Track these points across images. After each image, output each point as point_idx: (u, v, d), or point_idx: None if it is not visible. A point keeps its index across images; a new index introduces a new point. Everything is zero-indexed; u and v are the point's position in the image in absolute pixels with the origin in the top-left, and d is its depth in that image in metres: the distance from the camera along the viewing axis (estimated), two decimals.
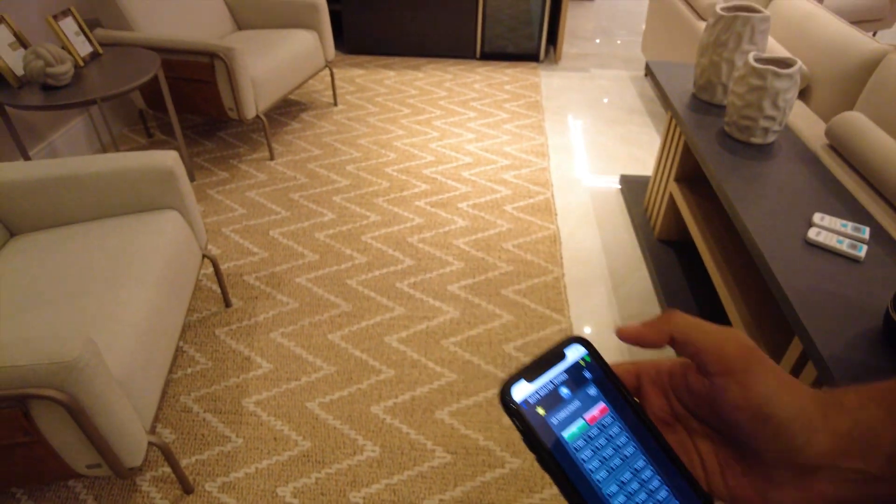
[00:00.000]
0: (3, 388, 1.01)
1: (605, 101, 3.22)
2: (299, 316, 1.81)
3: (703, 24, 2.64)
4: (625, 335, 0.32)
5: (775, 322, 1.49)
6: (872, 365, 1.01)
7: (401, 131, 2.84)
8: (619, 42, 4.08)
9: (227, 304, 1.85)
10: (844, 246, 1.27)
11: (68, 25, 2.16)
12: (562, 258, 2.08)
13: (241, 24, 2.95)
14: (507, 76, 3.43)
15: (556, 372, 0.31)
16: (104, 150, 2.41)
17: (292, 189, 2.41)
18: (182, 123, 2.90)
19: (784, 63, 1.63)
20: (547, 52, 3.77)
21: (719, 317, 1.83)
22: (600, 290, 1.96)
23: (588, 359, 0.32)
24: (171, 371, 1.55)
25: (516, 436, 1.45)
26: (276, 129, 2.86)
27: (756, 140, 1.68)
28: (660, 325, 0.31)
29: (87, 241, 1.49)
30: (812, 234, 1.31)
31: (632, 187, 2.44)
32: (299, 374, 1.62)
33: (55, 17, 2.10)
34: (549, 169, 2.59)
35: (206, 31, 2.75)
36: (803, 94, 2.18)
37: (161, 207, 1.60)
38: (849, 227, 1.33)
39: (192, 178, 2.47)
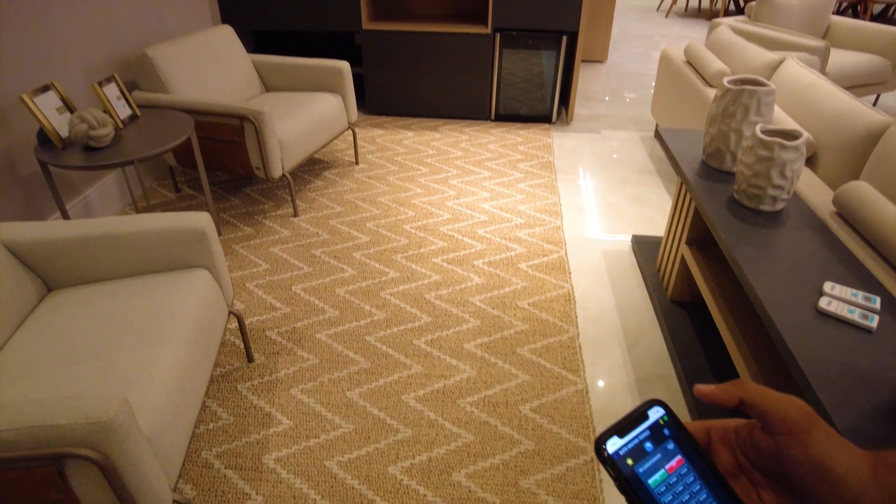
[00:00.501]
0: (42, 447, 1.05)
1: (615, 158, 3.31)
2: (319, 372, 1.85)
3: (710, 91, 2.75)
4: (701, 393, 0.38)
5: (789, 388, 1.50)
6: (889, 437, 1.02)
7: (419, 189, 2.94)
8: (628, 99, 4.22)
9: (250, 359, 1.89)
10: (856, 316, 1.30)
11: (111, 90, 2.30)
12: (576, 317, 2.11)
13: (268, 87, 3.11)
14: (520, 137, 3.55)
15: (641, 429, 0.37)
16: (135, 203, 2.52)
17: (315, 245, 2.49)
18: (209, 179, 3.03)
19: (790, 135, 1.70)
20: (559, 113, 3.91)
21: (734, 378, 1.84)
22: (615, 350, 1.99)
23: (666, 418, 0.38)
24: (195, 426, 1.59)
25: (530, 499, 1.45)
26: (300, 186, 2.97)
27: (765, 208, 1.73)
28: (731, 388, 0.38)
29: (120, 299, 1.56)
30: (823, 303, 1.34)
31: (644, 247, 2.49)
32: (318, 432, 1.65)
33: (100, 84, 2.25)
34: (563, 227, 2.65)
35: (236, 92, 2.90)
36: (810, 162, 2.25)
37: (192, 266, 1.67)
38: (859, 296, 1.36)
39: (218, 233, 2.56)
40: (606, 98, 4.33)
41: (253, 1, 3.54)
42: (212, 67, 2.80)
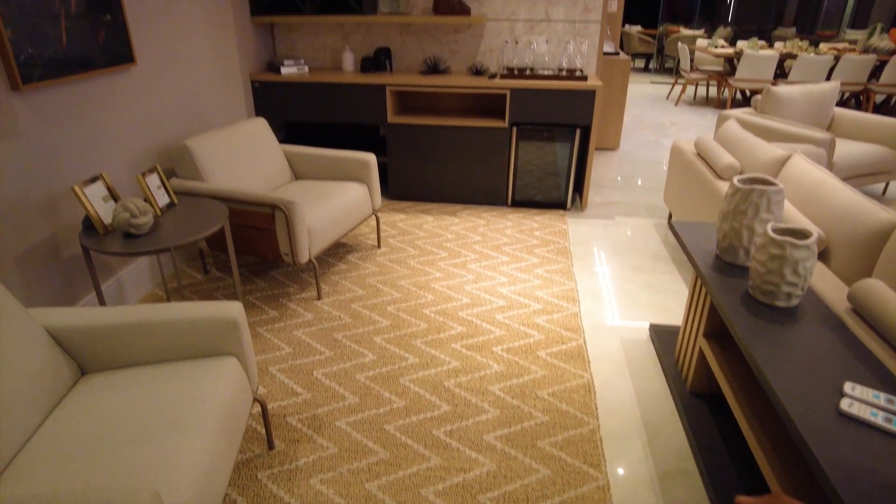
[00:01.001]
0: None
1: (630, 246, 3.39)
2: (339, 462, 1.85)
3: (721, 184, 2.85)
4: None
5: (814, 486, 1.48)
6: None
7: (438, 273, 3.02)
8: (640, 186, 4.35)
9: (271, 446, 1.91)
10: (879, 419, 1.30)
11: (152, 180, 2.46)
12: (596, 408, 2.11)
13: (298, 175, 3.29)
14: (536, 223, 3.66)
15: None
16: (165, 284, 2.62)
17: (336, 329, 2.54)
18: (237, 261, 3.14)
19: (801, 234, 1.76)
20: (573, 200, 4.04)
21: (756, 475, 1.80)
22: (636, 444, 1.97)
23: None
24: None
25: None
26: (324, 269, 3.07)
27: (780, 303, 1.77)
28: (770, 501, 0.42)
29: (152, 385, 1.61)
30: (844, 405, 1.35)
31: (662, 337, 2.51)
32: None
33: (143, 175, 2.41)
34: (580, 314, 2.69)
35: (268, 180, 3.07)
36: (823, 256, 2.30)
37: (222, 353, 1.73)
38: (882, 398, 1.37)
39: None
40: (619, 184, 4.47)
41: (286, 96, 3.80)
42: (246, 157, 2.99)
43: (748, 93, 8.23)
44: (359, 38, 4.07)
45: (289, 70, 3.79)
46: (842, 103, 7.67)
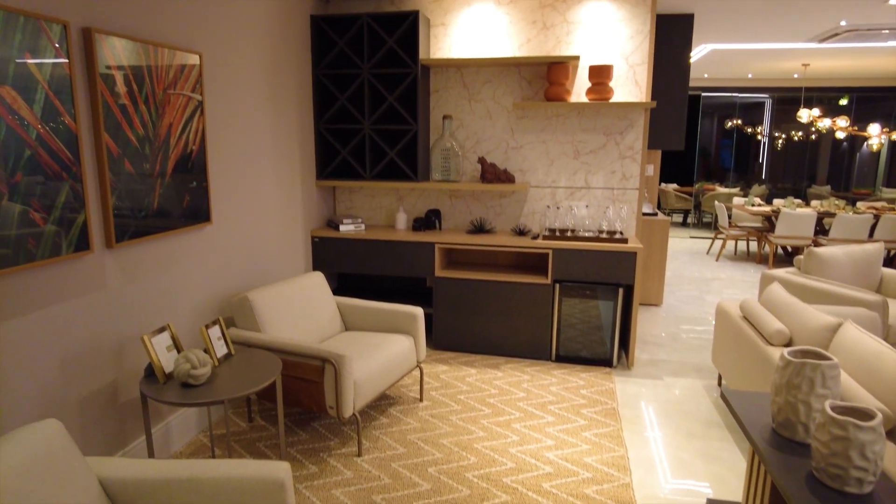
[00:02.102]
0: None
1: (681, 408, 3.27)
2: None
3: (770, 350, 2.81)
4: None
5: None
6: None
7: (481, 432, 2.95)
8: (687, 345, 4.28)
9: None
10: None
11: (214, 332, 2.60)
12: None
13: (348, 326, 3.41)
14: (582, 380, 3.61)
15: None
16: (211, 431, 2.65)
17: (375, 490, 2.47)
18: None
19: (864, 414, 1.70)
20: (619, 357, 4.00)
21: None
22: None
23: None
24: None
25: None
26: (366, 422, 3.05)
27: (851, 489, 1.66)
28: None
29: None
30: None
31: None
32: None
33: (207, 326, 2.56)
34: (632, 486, 2.54)
35: (319, 331, 3.19)
36: (893, 434, 2.17)
37: None
38: None
39: None
40: (665, 341, 4.42)
41: (342, 251, 4.08)
42: (301, 309, 3.15)
43: (790, 248, 8.28)
44: (412, 200, 4.42)
45: (347, 228, 4.10)
46: (888, 262, 7.59)
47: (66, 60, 2.11)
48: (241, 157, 3.23)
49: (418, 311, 3.24)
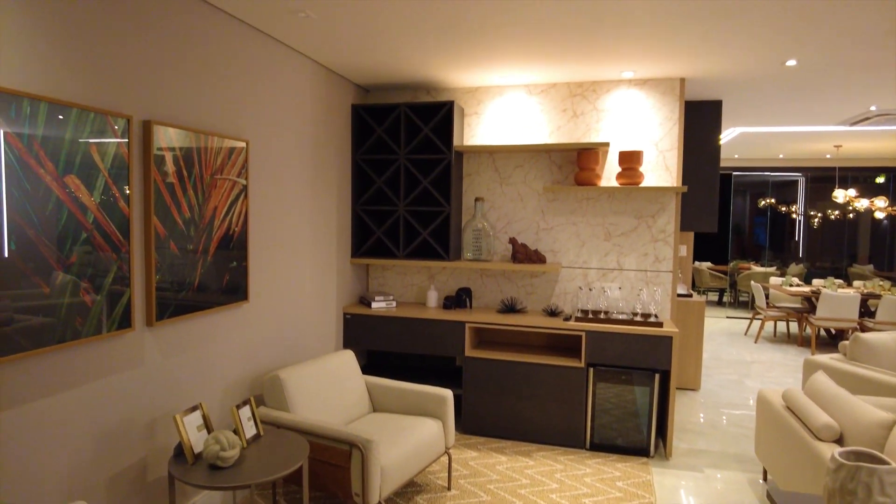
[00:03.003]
0: None
1: None
2: None
3: (819, 446, 2.65)
4: None
5: None
6: None
7: None
8: (727, 434, 4.07)
9: None
10: None
11: (244, 412, 2.60)
12: None
13: (376, 406, 3.37)
14: (618, 471, 3.45)
15: None
16: None
17: None
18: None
19: None
20: (657, 445, 3.82)
21: None
22: None
23: None
24: None
25: None
26: None
27: None
28: None
29: None
30: None
31: None
32: None
33: (238, 407, 2.57)
34: None
35: (347, 411, 3.16)
36: None
37: None
38: None
39: None
40: (704, 429, 4.22)
41: (373, 328, 4.10)
42: (330, 388, 3.14)
43: (833, 331, 7.97)
44: (443, 279, 4.46)
45: (378, 305, 4.14)
46: None
47: (126, 150, 2.27)
48: (280, 237, 3.35)
49: (448, 394, 3.19)
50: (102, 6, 2.15)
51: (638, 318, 3.80)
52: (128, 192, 2.28)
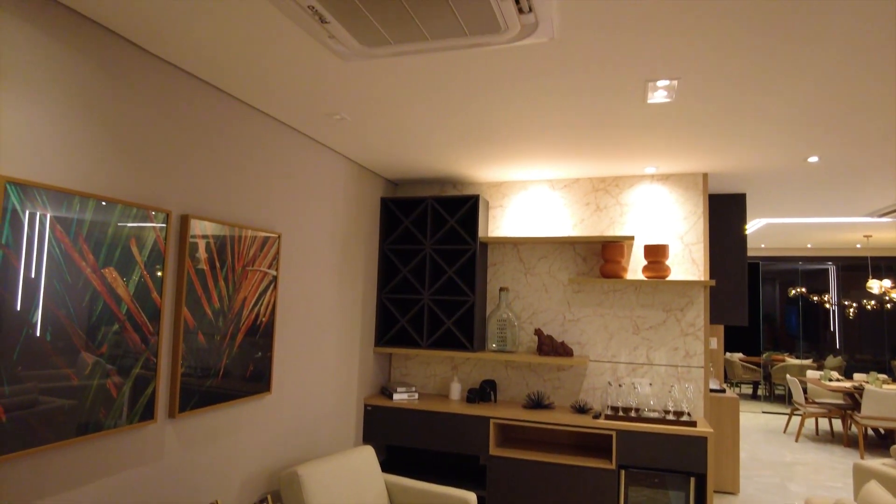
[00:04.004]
0: None
1: None
2: None
3: None
4: None
5: None
6: None
7: None
8: None
9: None
10: None
11: None
12: None
13: None
14: None
15: None
16: None
17: None
18: None
19: None
20: None
21: None
22: None
23: None
24: None
25: None
26: None
27: None
28: None
29: None
30: None
31: None
32: None
33: None
34: None
35: None
36: None
37: None
38: None
39: None
40: None
41: (394, 421, 3.99)
42: (349, 487, 3.01)
43: (882, 430, 7.49)
44: (467, 370, 4.38)
45: (400, 397, 4.06)
46: None
47: (163, 243, 2.35)
48: (306, 327, 3.36)
49: (471, 498, 3.03)
50: (148, 109, 2.32)
51: (670, 417, 3.64)
52: (161, 283, 2.34)
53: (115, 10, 1.97)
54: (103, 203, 2.08)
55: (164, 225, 2.34)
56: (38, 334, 1.86)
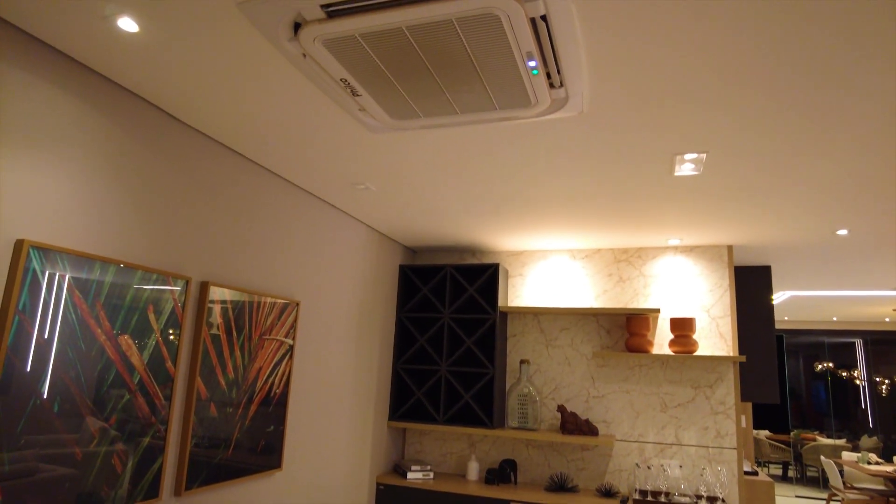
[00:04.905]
0: None
1: None
2: None
3: None
4: None
5: None
6: None
7: None
8: None
9: None
10: None
11: None
12: None
13: None
14: None
15: None
16: None
17: None
18: None
19: None
20: None
21: None
22: None
23: None
24: None
25: None
26: None
27: None
28: None
29: None
30: None
31: None
32: None
33: None
34: None
35: None
36: None
37: None
38: None
39: None
40: None
41: (407, 502, 3.76)
42: None
43: None
44: (485, 448, 4.18)
45: (414, 476, 3.85)
46: None
47: (181, 311, 2.30)
48: (319, 398, 3.24)
49: None
50: (173, 174, 2.33)
51: (703, 503, 3.39)
52: (176, 352, 2.27)
53: (149, 78, 2.02)
54: (122, 266, 2.05)
55: (182, 290, 2.30)
56: (45, 403, 1.79)
